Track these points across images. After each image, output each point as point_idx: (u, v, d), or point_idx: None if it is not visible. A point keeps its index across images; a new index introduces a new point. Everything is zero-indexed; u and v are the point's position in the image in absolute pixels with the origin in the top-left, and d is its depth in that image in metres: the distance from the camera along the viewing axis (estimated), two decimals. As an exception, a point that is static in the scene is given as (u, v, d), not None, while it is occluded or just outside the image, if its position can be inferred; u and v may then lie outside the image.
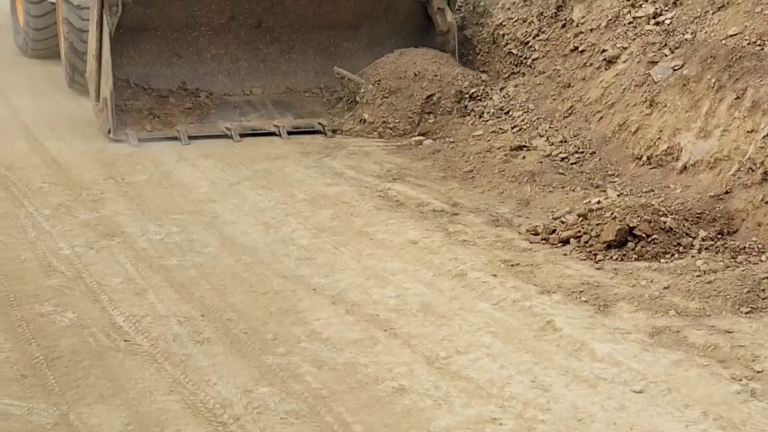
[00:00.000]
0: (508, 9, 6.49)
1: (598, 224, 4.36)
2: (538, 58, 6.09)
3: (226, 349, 3.31)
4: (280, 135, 5.72)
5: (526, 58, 6.18)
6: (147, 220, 4.39)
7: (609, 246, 4.25)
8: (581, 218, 4.49)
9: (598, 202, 4.63)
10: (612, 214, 4.35)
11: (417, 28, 6.54)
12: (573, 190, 4.90)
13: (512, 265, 4.11)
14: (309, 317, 3.59)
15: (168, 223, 4.39)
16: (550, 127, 5.53)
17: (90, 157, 5.32)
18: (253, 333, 3.44)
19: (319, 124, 5.91)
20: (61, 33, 6.99)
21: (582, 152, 5.32)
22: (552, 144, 5.36)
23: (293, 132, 5.82)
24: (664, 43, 5.60)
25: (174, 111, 5.80)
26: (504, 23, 6.46)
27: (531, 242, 4.42)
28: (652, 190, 4.87)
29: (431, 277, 3.99)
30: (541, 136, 5.45)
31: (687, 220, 4.50)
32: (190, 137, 5.59)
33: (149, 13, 5.70)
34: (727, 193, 4.65)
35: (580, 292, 3.83)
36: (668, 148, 5.10)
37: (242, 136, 5.69)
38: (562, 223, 4.55)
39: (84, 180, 4.92)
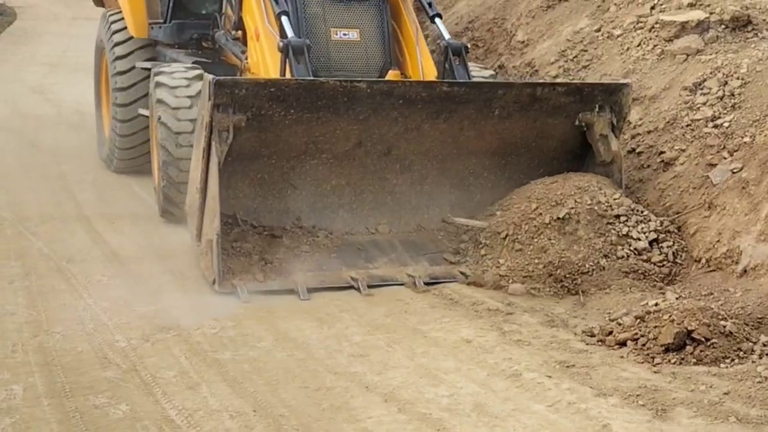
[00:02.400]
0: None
1: (656, 327, 5.48)
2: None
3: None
4: (415, 285, 6.59)
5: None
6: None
7: (667, 349, 5.36)
8: (638, 320, 5.63)
9: (656, 305, 5.69)
10: (670, 316, 5.45)
11: (573, 156, 7.40)
12: (631, 291, 6.10)
13: (567, 367, 5.22)
14: (361, 415, 4.65)
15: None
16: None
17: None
18: (305, 429, 4.51)
19: (461, 273, 6.73)
20: (155, 158, 8.23)
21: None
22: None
23: (430, 283, 6.67)
24: (722, 146, 7.14)
25: (288, 255, 6.70)
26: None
27: (587, 344, 5.60)
28: (712, 293, 6.13)
29: (485, 377, 5.12)
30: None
31: (747, 325, 5.61)
32: (310, 290, 6.47)
33: (263, 138, 6.69)
34: (788, 297, 5.74)
35: (638, 395, 4.82)
36: (728, 251, 6.44)
37: (370, 287, 6.57)
38: (619, 324, 5.71)
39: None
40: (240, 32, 8.68)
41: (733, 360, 5.32)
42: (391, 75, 8.05)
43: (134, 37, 9.72)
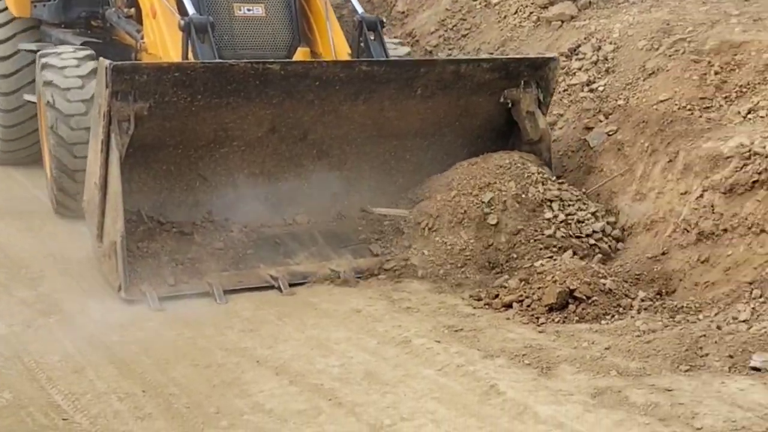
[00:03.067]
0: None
1: (539, 288, 5.69)
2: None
3: (168, 425, 4.31)
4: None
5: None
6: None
7: (550, 309, 5.58)
8: (523, 282, 5.84)
9: (541, 265, 5.89)
10: (552, 277, 5.67)
11: (498, 135, 7.05)
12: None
13: (456, 331, 5.41)
14: (252, 389, 4.66)
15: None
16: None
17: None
18: (196, 407, 4.45)
19: (384, 270, 6.28)
20: (45, 146, 7.62)
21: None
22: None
23: (357, 278, 6.20)
24: (598, 109, 7.42)
25: (201, 254, 6.16)
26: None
27: (474, 308, 5.79)
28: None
29: (375, 345, 5.24)
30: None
31: (626, 282, 5.90)
32: (227, 292, 5.93)
33: (168, 127, 6.15)
34: (663, 254, 6.15)
35: (523, 355, 5.02)
36: (606, 211, 6.70)
37: (292, 285, 6.07)
38: (504, 287, 5.92)
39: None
40: (133, 10, 8.03)
41: (613, 316, 5.52)
42: (300, 53, 7.56)
43: (16, 17, 8.90)
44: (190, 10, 6.90)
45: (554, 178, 6.86)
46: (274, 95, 6.37)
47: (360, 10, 7.57)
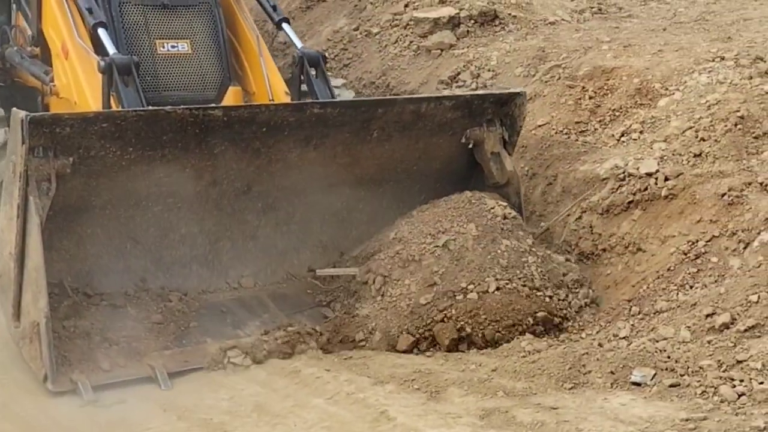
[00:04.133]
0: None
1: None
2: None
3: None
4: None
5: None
6: None
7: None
8: None
9: None
10: None
11: (458, 178, 6.42)
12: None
13: (345, 359, 5.38)
14: (139, 428, 4.56)
15: None
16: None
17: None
18: None
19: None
20: None
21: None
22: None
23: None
24: None
25: (138, 330, 5.40)
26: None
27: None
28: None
29: (265, 377, 5.15)
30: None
31: None
32: (171, 374, 5.13)
33: (94, 185, 5.40)
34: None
35: (413, 380, 5.05)
36: None
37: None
38: None
39: None
40: (38, 49, 7.13)
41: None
42: (232, 93, 6.83)
43: None
44: (111, 49, 6.09)
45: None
46: (215, 144, 5.62)
47: (299, 44, 6.85)
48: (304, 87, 6.80)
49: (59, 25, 6.62)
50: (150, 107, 5.50)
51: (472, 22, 8.75)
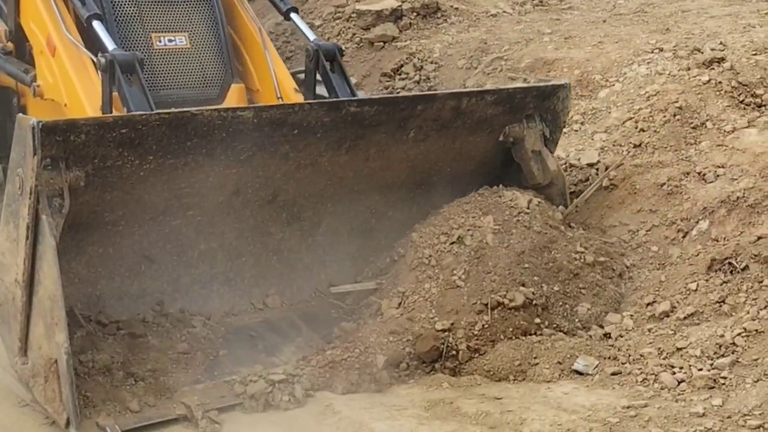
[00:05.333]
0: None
1: None
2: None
3: None
4: None
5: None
6: None
7: None
8: None
9: None
10: None
11: (493, 179, 5.92)
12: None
13: None
14: None
15: None
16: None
17: None
18: None
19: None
20: None
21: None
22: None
23: None
24: None
25: (163, 362, 4.79)
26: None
27: None
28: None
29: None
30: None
31: None
32: (207, 412, 4.50)
33: (108, 199, 4.79)
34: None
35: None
36: None
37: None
38: None
39: None
40: (13, 45, 6.47)
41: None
42: (235, 90, 6.24)
43: None
44: (109, 44, 5.45)
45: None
46: (242, 150, 5.02)
47: (312, 36, 6.25)
48: None
49: (43, 19, 5.97)
50: (173, 110, 4.85)
51: (415, 14, 8.85)
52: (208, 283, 5.34)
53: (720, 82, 6.51)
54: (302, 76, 6.34)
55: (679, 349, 4.94)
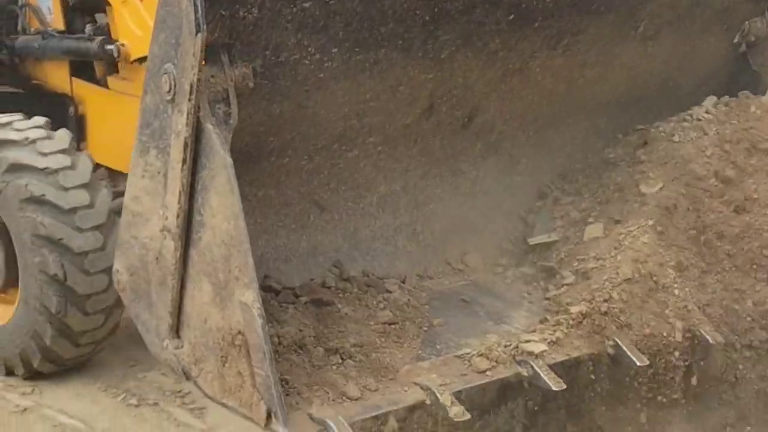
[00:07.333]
0: None
1: None
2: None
3: None
4: None
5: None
6: None
7: None
8: None
9: None
10: None
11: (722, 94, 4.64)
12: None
13: None
14: None
15: None
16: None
17: None
18: None
19: None
20: None
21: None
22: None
23: None
24: None
25: (368, 335, 3.55)
26: None
27: None
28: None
29: None
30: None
31: None
32: (456, 394, 3.26)
33: (276, 114, 3.53)
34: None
35: None
36: None
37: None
38: None
39: None
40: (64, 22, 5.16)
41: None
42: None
43: None
44: None
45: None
46: (445, 43, 3.75)
47: None
48: None
49: None
50: None
51: None
52: (392, 238, 4.10)
53: None
54: None
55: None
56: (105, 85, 4.90)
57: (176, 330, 3.39)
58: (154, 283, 3.43)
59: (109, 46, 4.67)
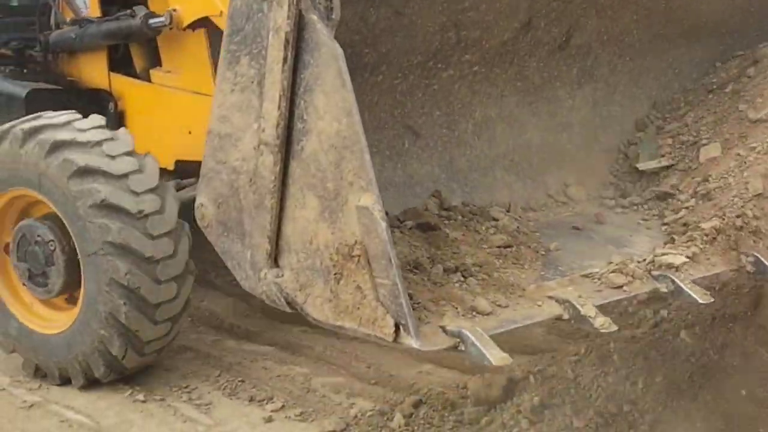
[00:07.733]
0: None
1: None
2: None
3: None
4: None
5: None
6: None
7: None
8: None
9: None
10: None
11: None
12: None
13: None
14: None
15: None
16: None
17: None
18: None
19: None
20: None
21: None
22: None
23: None
24: None
25: (484, 256, 3.25)
26: None
27: None
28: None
29: None
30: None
31: None
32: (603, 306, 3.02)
33: (372, 23, 3.24)
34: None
35: None
36: None
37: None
38: None
39: None
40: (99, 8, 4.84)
41: None
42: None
43: None
44: None
45: None
46: None
47: None
48: None
49: None
50: None
51: None
52: (490, 169, 3.77)
53: None
54: None
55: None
56: (147, 79, 4.60)
57: (274, 258, 3.06)
58: (247, 210, 3.10)
59: (155, 19, 4.37)
